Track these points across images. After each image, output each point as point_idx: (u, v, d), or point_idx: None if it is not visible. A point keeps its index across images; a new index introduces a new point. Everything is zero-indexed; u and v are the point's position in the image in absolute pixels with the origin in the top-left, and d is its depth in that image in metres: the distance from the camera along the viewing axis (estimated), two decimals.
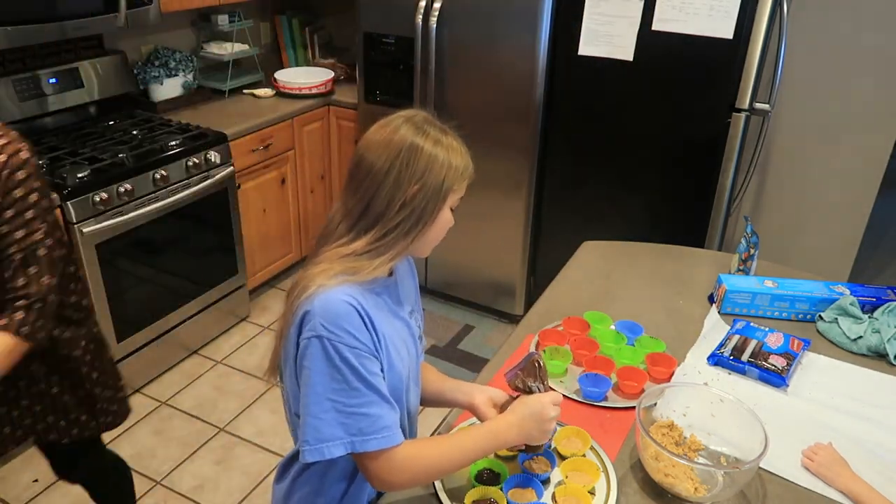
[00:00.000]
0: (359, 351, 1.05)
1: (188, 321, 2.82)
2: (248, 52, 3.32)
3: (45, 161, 2.36)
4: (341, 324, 1.03)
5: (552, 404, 1.15)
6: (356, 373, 1.04)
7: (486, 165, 2.92)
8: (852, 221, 2.78)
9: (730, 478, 1.17)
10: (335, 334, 1.03)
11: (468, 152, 1.16)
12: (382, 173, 1.08)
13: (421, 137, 1.10)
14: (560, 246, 2.89)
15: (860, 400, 1.44)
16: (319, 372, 1.04)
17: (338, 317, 1.03)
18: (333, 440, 1.04)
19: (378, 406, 1.06)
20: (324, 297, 1.04)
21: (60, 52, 2.69)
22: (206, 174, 2.68)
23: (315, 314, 1.04)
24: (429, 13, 2.76)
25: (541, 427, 1.15)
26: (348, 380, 1.04)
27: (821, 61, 2.62)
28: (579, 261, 1.97)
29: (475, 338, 3.12)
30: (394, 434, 1.07)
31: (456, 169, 1.12)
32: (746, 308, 1.71)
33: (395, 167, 1.08)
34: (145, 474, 2.35)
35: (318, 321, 1.03)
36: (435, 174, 1.10)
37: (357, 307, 1.05)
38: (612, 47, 2.56)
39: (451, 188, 1.12)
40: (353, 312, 1.05)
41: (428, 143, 1.10)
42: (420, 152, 1.09)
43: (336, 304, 1.04)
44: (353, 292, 1.06)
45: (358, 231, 1.10)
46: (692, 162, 2.60)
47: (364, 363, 1.05)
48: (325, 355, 1.03)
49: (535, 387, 1.18)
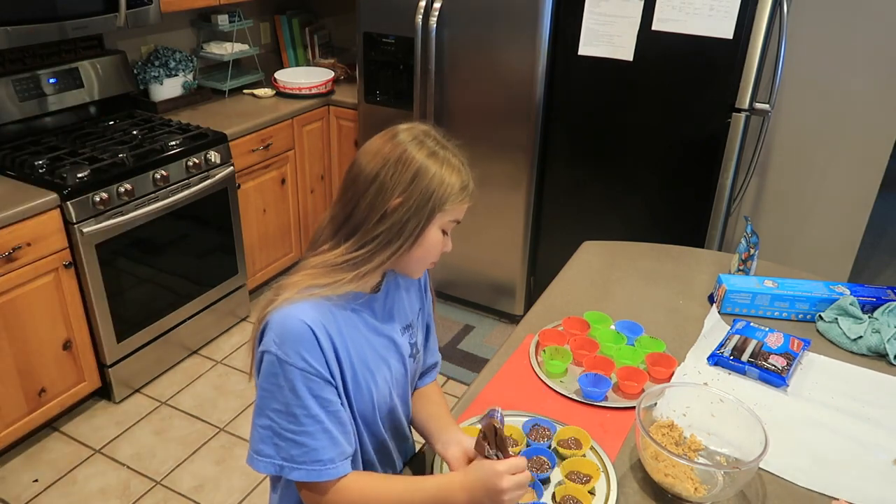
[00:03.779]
0: (307, 374, 1.00)
1: (188, 321, 2.82)
2: (248, 52, 3.32)
3: (45, 161, 2.36)
4: (293, 345, 0.99)
5: (508, 474, 1.01)
6: (298, 399, 1.00)
7: (486, 165, 2.92)
8: (852, 221, 2.78)
9: (730, 478, 1.17)
10: (285, 354, 0.99)
11: (469, 172, 1.08)
12: (368, 181, 1.04)
13: (415, 147, 1.04)
14: (560, 246, 2.89)
15: (860, 400, 1.44)
16: (264, 388, 1.02)
17: (290, 337, 0.99)
18: (264, 457, 1.03)
19: (315, 438, 1.01)
20: (283, 312, 1.01)
21: (60, 52, 2.69)
22: (206, 174, 2.68)
23: (271, 328, 1.01)
24: (429, 13, 2.75)
25: (492, 498, 1.01)
26: (288, 404, 1.00)
27: (821, 61, 2.62)
28: (579, 261, 1.97)
29: (475, 338, 3.12)
30: (328, 469, 1.02)
31: (448, 186, 1.04)
32: (746, 308, 1.71)
33: (381, 175, 1.03)
34: (145, 474, 2.35)
35: (272, 336, 1.00)
36: (422, 188, 1.03)
37: (313, 328, 1.00)
38: (612, 47, 2.56)
39: (441, 207, 1.04)
40: (307, 333, 1.00)
41: (420, 154, 1.03)
42: (409, 163, 1.03)
43: (292, 322, 1.00)
44: (316, 309, 1.02)
45: (338, 239, 1.07)
46: (692, 162, 2.60)
47: (312, 387, 1.00)
48: (273, 373, 1.00)
49: (491, 454, 1.04)
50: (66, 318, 2.35)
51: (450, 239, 1.13)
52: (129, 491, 2.28)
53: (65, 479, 2.32)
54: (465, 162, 1.09)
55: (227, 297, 3.00)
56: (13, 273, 2.15)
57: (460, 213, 1.10)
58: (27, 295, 2.21)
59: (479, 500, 1.02)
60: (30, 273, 2.20)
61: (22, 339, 2.24)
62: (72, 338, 2.39)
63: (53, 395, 2.40)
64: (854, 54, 2.56)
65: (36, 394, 2.33)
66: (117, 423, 2.55)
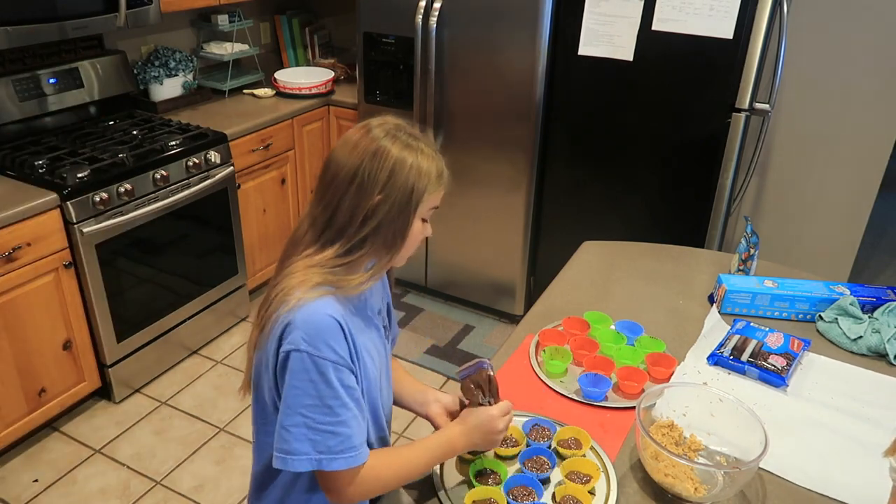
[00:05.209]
0: (338, 365, 1.03)
1: (188, 321, 2.82)
2: (248, 52, 3.32)
3: (45, 161, 2.36)
4: (323, 338, 1.01)
5: (501, 416, 1.17)
6: (332, 390, 1.02)
7: (486, 165, 2.92)
8: (852, 221, 2.78)
9: (730, 478, 1.17)
10: (316, 348, 1.01)
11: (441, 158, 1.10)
12: (347, 180, 1.04)
13: (389, 141, 1.05)
14: (560, 246, 2.89)
15: (860, 400, 1.44)
16: (294, 386, 1.02)
17: (320, 331, 1.01)
18: (299, 455, 1.03)
19: (348, 425, 1.04)
20: (306, 309, 1.02)
21: (60, 52, 2.69)
22: (206, 174, 2.68)
23: (296, 327, 1.01)
24: (429, 13, 2.75)
25: (486, 438, 1.17)
26: (323, 396, 1.02)
27: (821, 61, 2.62)
28: (579, 261, 1.97)
29: (475, 338, 3.12)
30: (360, 453, 1.06)
31: (426, 174, 1.06)
32: (746, 308, 1.71)
33: (359, 173, 1.04)
34: (145, 474, 2.35)
35: (299, 334, 1.01)
36: (401, 181, 1.04)
37: (340, 321, 1.03)
38: (612, 47, 2.56)
39: (421, 198, 1.07)
40: (336, 326, 1.03)
41: (395, 148, 1.04)
42: (385, 157, 1.04)
43: (319, 317, 1.02)
44: (334, 305, 1.05)
45: (324, 242, 1.07)
46: (692, 162, 2.60)
47: (342, 377, 1.03)
48: (304, 369, 1.01)
49: (485, 401, 1.19)
50: (66, 318, 2.35)
51: (429, 225, 1.14)
52: (129, 491, 2.28)
53: (65, 479, 2.32)
54: (436, 150, 1.11)
55: (228, 297, 3.00)
56: (13, 273, 2.15)
57: (438, 200, 1.12)
58: (27, 295, 2.21)
59: (475, 440, 1.18)
60: (30, 273, 2.20)
61: (22, 339, 2.24)
62: (72, 338, 2.39)
63: (53, 395, 2.40)
64: (854, 54, 2.56)
65: (36, 394, 2.33)
66: (117, 423, 2.55)
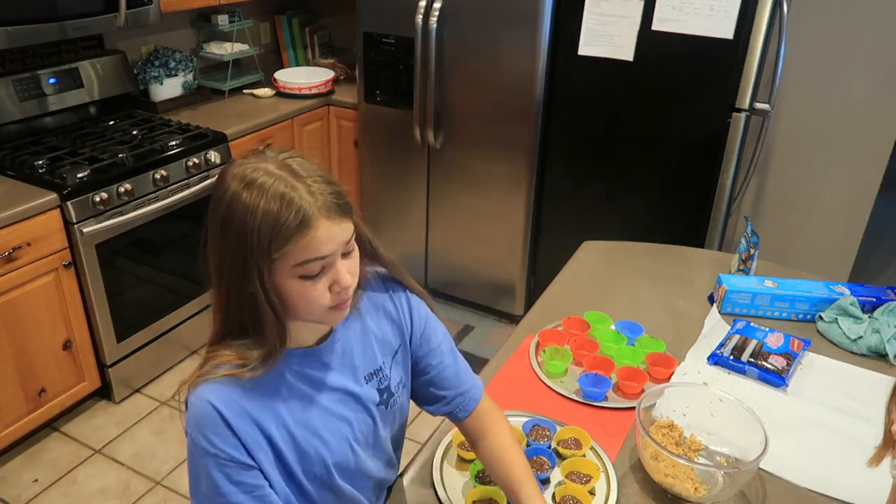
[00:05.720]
0: (219, 459, 0.93)
1: (188, 321, 2.82)
2: (248, 52, 3.32)
3: (45, 161, 2.36)
4: (202, 429, 0.93)
5: None
6: (216, 485, 0.94)
7: (486, 165, 2.92)
8: (852, 221, 2.78)
9: (730, 478, 1.17)
10: (196, 437, 0.94)
11: (312, 193, 0.84)
12: (203, 242, 0.93)
13: (234, 183, 0.87)
14: (560, 246, 2.88)
15: (860, 400, 1.44)
16: (190, 469, 0.97)
17: (200, 421, 0.93)
18: None
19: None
20: (195, 393, 0.94)
21: (60, 52, 2.69)
22: (206, 174, 2.68)
23: (188, 410, 0.96)
24: (429, 13, 2.75)
25: None
26: (209, 490, 0.95)
27: (821, 61, 2.62)
28: (579, 261, 1.97)
29: (475, 338, 3.11)
30: None
31: (264, 226, 0.81)
32: (746, 308, 1.71)
33: (208, 232, 0.91)
34: (145, 474, 2.35)
35: (187, 416, 0.96)
36: (233, 240, 0.84)
37: (222, 410, 0.92)
38: (612, 47, 2.56)
39: (264, 255, 0.83)
40: (216, 417, 0.92)
41: (231, 191, 0.86)
42: (218, 207, 0.87)
43: (200, 404, 0.93)
44: (230, 386, 0.94)
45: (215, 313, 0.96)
46: (692, 162, 2.60)
47: (228, 473, 0.94)
48: (192, 453, 0.96)
49: None
50: (66, 318, 2.35)
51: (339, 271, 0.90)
52: (129, 491, 2.28)
53: (65, 479, 2.32)
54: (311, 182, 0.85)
55: None
56: (13, 273, 2.15)
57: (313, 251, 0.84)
58: (27, 295, 2.21)
59: None
60: (30, 273, 2.20)
61: (22, 339, 2.24)
62: (72, 338, 2.39)
63: (53, 395, 2.40)
64: (854, 54, 2.56)
65: (36, 394, 2.33)
66: (117, 423, 2.55)
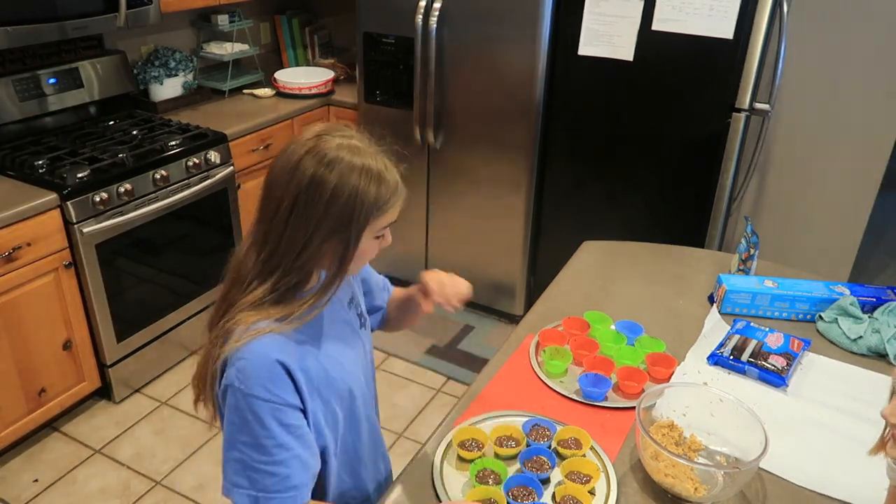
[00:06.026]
0: (273, 405, 0.99)
1: (188, 321, 2.82)
2: (248, 52, 3.32)
3: (45, 161, 2.36)
4: (257, 378, 0.99)
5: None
6: (266, 430, 0.99)
7: (486, 165, 2.92)
8: (852, 221, 2.78)
9: (730, 478, 1.17)
10: (249, 388, 0.98)
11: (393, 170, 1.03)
12: (285, 213, 0.99)
13: (324, 168, 0.98)
14: (560, 246, 2.88)
15: (860, 400, 1.44)
16: (231, 422, 1.01)
17: (255, 370, 0.99)
18: (240, 488, 1.02)
19: (286, 465, 1.01)
20: (248, 349, 0.99)
21: (60, 52, 2.69)
22: (205, 174, 2.68)
23: (232, 364, 1.00)
24: (429, 13, 2.75)
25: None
26: (256, 436, 1.00)
27: (821, 61, 2.62)
28: (579, 261, 1.97)
29: (475, 338, 3.12)
30: (297, 494, 1.03)
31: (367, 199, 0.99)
32: (746, 308, 1.71)
33: (297, 206, 0.98)
34: (145, 474, 2.35)
35: (233, 371, 1.00)
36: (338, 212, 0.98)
37: (279, 359, 1.00)
38: (612, 47, 2.56)
39: (366, 224, 1.01)
40: (273, 366, 0.99)
41: (332, 174, 0.97)
42: (320, 187, 0.97)
43: (256, 360, 0.99)
44: (277, 342, 1.01)
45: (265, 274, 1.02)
46: (692, 162, 2.60)
47: (280, 417, 1.00)
48: (237, 407, 1.00)
49: None
50: (66, 318, 2.35)
51: (388, 233, 1.10)
52: (129, 491, 2.28)
53: (65, 479, 2.32)
54: (388, 162, 1.03)
55: None
56: (13, 273, 2.15)
57: (392, 216, 1.05)
58: (27, 295, 2.21)
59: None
60: (30, 273, 2.20)
61: (22, 339, 2.24)
62: (72, 338, 2.39)
63: (53, 395, 2.40)
64: (854, 54, 2.56)
65: (36, 394, 2.33)
66: (117, 423, 2.55)
